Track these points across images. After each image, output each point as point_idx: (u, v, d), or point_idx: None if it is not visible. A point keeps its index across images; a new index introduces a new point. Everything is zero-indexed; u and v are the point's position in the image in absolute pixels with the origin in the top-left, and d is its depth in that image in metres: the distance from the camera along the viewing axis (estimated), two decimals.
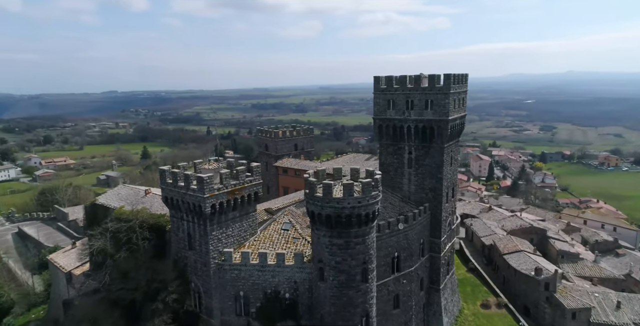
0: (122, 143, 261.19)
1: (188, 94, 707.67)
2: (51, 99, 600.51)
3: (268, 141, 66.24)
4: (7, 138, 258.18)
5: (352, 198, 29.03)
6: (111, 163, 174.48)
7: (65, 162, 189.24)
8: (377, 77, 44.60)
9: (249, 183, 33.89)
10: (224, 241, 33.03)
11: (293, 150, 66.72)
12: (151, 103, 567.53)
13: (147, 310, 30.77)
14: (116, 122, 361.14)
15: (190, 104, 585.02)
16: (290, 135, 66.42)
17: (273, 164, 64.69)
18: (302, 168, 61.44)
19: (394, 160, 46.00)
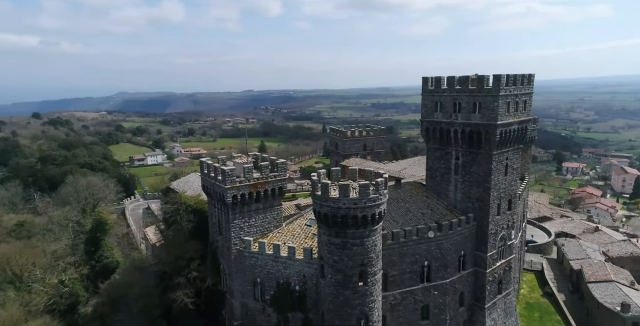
0: (248, 137, 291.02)
1: (313, 93, 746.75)
2: (202, 97, 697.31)
3: (338, 140, 68.27)
4: (162, 129, 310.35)
5: (347, 199, 29.55)
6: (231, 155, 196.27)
7: (199, 152, 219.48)
8: (425, 77, 43.09)
9: (272, 178, 36.73)
10: (247, 230, 36.53)
11: (362, 150, 67.52)
12: (280, 102, 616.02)
13: (173, 283, 36.07)
14: (247, 118, 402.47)
15: (314, 103, 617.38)
16: (360, 135, 67.31)
17: (339, 163, 66.48)
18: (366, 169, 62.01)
19: (441, 165, 43.90)
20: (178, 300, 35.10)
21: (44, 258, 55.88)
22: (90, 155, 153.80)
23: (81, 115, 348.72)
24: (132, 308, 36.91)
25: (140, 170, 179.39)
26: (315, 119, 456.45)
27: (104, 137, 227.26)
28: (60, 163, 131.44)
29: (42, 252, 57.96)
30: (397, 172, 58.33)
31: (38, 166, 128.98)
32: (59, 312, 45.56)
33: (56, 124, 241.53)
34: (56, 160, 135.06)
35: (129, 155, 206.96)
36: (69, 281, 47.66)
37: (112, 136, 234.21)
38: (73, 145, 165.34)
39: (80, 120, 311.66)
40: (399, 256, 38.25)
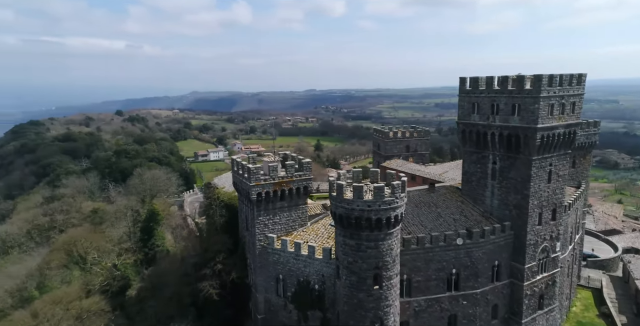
0: (305, 136, 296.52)
1: (375, 93, 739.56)
2: (266, 96, 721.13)
3: (380, 141, 67.45)
4: (227, 127, 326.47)
5: (360, 201, 29.39)
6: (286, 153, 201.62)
7: (257, 149, 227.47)
8: (462, 77, 41.33)
9: (297, 177, 37.47)
10: (271, 227, 37.65)
11: (404, 152, 66.08)
12: (341, 101, 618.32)
13: (201, 273, 38.15)
14: (307, 117, 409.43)
15: (375, 102, 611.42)
16: (403, 136, 65.91)
17: (380, 164, 65.71)
18: (406, 171, 60.77)
19: (477, 169, 41.86)
20: (204, 290, 37.21)
21: (105, 243, 61.64)
22: (159, 150, 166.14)
23: (157, 113, 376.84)
24: (165, 295, 39.72)
25: (202, 165, 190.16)
26: (375, 119, 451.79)
27: (174, 133, 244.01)
28: (132, 157, 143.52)
29: (104, 237, 63.96)
30: (437, 175, 56.44)
31: (113, 159, 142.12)
32: (112, 293, 50.18)
33: (134, 121, 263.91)
34: (129, 153, 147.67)
35: (195, 150, 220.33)
36: (121, 266, 52.35)
37: (181, 132, 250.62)
38: (145, 141, 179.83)
39: (155, 118, 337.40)
40: (424, 262, 37.18)
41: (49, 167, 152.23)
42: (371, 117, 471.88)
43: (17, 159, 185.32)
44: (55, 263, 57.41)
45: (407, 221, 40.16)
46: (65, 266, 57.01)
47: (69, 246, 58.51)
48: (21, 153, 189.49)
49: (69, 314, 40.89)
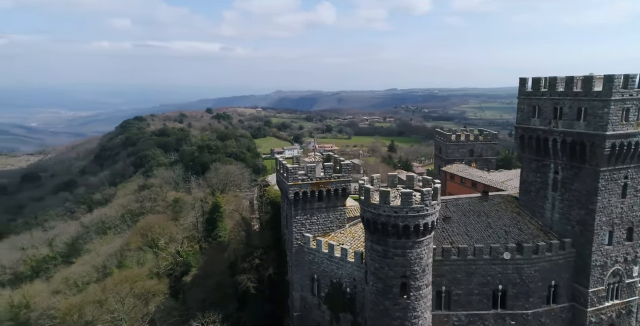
0: (381, 136, 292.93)
1: (460, 92, 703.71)
2: (346, 95, 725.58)
3: (441, 144, 64.32)
4: (305, 125, 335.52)
5: (387, 207, 28.49)
6: (358, 153, 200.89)
7: (331, 148, 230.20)
8: (522, 78, 37.94)
9: (335, 178, 37.42)
10: (308, 226, 38.11)
11: (468, 156, 62.20)
12: (422, 101, 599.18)
13: (240, 266, 39.85)
14: (384, 117, 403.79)
15: (459, 102, 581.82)
16: (467, 140, 62.07)
17: (440, 168, 62.71)
18: (467, 176, 57.39)
19: (536, 178, 38.15)
20: (242, 283, 38.97)
21: (175, 230, 67.53)
22: (238, 146, 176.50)
23: (241, 111, 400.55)
24: (210, 283, 42.42)
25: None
26: (458, 120, 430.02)
27: (254, 131, 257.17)
28: (213, 152, 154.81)
29: (175, 225, 70.05)
30: (499, 182, 52.33)
31: (196, 153, 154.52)
32: (174, 277, 54.90)
33: (219, 118, 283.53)
34: (211, 148, 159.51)
35: (272, 147, 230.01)
36: (183, 252, 56.97)
37: (261, 130, 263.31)
38: (227, 137, 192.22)
39: (240, 115, 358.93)
40: (465, 274, 34.93)
41: (145, 158, 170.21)
42: (454, 117, 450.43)
43: (122, 151, 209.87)
44: (133, 246, 64.42)
45: (451, 230, 38.09)
46: (141, 248, 63.67)
47: (145, 231, 65.12)
48: (125, 145, 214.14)
49: (133, 292, 45.82)
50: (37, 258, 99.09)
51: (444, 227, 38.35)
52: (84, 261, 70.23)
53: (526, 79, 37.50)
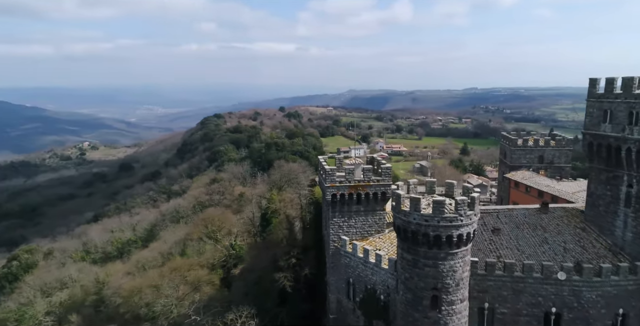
0: (455, 137, 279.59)
1: (552, 91, 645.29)
2: (421, 95, 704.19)
3: (506, 148, 59.51)
4: (374, 125, 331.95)
5: (417, 214, 27.01)
6: (427, 154, 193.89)
7: (399, 149, 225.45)
8: (593, 79, 33.69)
9: (374, 182, 36.39)
10: (345, 229, 37.55)
11: (536, 163, 56.79)
12: (504, 101, 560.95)
13: (277, 264, 40.36)
14: (460, 117, 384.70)
15: (549, 102, 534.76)
16: (535, 145, 56.68)
17: (504, 175, 58.09)
18: (532, 185, 52.58)
19: (606, 192, 33.81)
20: (279, 281, 39.57)
21: (233, 223, 70.84)
22: (305, 144, 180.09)
23: (313, 110, 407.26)
24: (252, 277, 43.73)
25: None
26: (545, 122, 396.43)
27: (322, 130, 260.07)
28: (280, 149, 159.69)
29: (233, 219, 73.46)
30: (569, 193, 47.15)
31: (263, 150, 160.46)
32: (226, 269, 57.65)
33: (290, 117, 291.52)
34: (278, 146, 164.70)
35: (339, 147, 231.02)
36: (237, 246, 59.48)
37: (329, 129, 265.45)
38: (295, 135, 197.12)
39: (311, 114, 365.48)
40: (512, 292, 32.05)
41: (218, 153, 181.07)
42: (540, 119, 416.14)
43: (200, 145, 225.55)
44: (195, 236, 68.83)
45: (499, 242, 35.21)
46: (201, 239, 67.78)
47: (206, 222, 69.22)
48: (203, 141, 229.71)
49: (186, 280, 49.01)
50: (122, 241, 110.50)
51: (492, 239, 35.54)
52: (154, 247, 76.80)
53: (597, 79, 33.20)
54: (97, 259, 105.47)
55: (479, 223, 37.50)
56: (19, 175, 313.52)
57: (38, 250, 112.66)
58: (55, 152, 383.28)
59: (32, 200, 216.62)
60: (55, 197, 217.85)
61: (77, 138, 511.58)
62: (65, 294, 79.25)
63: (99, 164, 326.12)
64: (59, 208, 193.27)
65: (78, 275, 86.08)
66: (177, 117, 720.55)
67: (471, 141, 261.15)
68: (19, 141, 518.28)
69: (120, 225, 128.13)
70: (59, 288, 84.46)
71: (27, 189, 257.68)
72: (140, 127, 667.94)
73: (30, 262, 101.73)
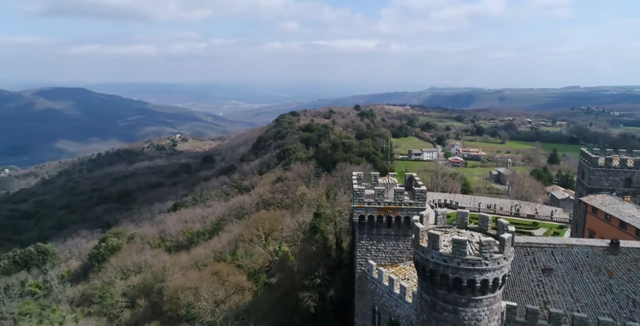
0: (545, 142, 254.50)
1: None
2: (511, 94, 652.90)
3: (585, 168, 51.49)
4: (453, 125, 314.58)
5: (435, 253, 23.86)
6: (507, 161, 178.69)
7: (477, 153, 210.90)
8: None
9: (407, 205, 33.41)
10: (374, 253, 35.08)
11: (621, 186, 48.33)
12: (614, 101, 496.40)
13: (301, 282, 38.92)
14: (554, 120, 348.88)
15: None
16: (622, 166, 48.19)
17: (580, 197, 50.40)
18: (613, 214, 44.93)
19: None
20: (304, 300, 38.33)
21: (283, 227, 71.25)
22: (374, 145, 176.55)
23: (389, 108, 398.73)
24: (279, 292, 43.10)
25: (413, 164, 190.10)
26: None
27: (395, 130, 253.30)
28: (346, 150, 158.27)
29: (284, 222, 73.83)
30: None
31: (329, 150, 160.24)
32: (270, 274, 58.03)
33: (363, 116, 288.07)
34: (345, 146, 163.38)
35: (412, 148, 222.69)
36: (280, 252, 59.56)
37: (402, 129, 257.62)
38: (364, 136, 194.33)
39: (386, 113, 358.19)
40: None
41: (287, 151, 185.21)
42: None
43: (273, 142, 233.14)
44: (246, 237, 70.59)
45: (550, 285, 30.37)
46: (251, 240, 69.29)
47: (257, 224, 70.59)
48: (276, 138, 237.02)
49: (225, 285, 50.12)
50: (192, 232, 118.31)
51: (541, 280, 30.69)
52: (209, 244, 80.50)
53: None
54: (171, 247, 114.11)
55: (529, 259, 32.78)
56: (123, 161, 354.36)
57: (124, 234, 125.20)
58: (152, 143, 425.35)
59: (128, 186, 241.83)
60: (146, 184, 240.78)
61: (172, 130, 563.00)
62: (138, 278, 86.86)
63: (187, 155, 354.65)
64: (148, 195, 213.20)
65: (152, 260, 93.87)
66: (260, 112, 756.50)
67: (564, 147, 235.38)
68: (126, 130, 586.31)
69: (193, 216, 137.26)
70: (135, 271, 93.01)
71: (126, 175, 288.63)
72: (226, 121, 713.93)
73: (115, 245, 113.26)
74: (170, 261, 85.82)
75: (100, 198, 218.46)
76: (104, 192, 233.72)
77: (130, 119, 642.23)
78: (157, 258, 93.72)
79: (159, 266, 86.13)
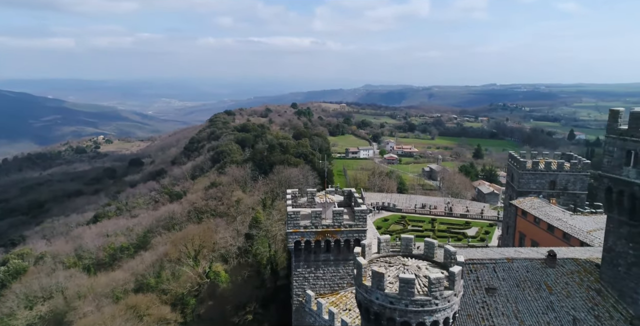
0: (469, 137, 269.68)
1: (573, 88, 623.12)
2: (438, 91, 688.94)
3: (514, 171, 52.75)
4: (387, 122, 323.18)
5: (381, 293, 21.17)
6: (438, 157, 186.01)
7: (410, 150, 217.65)
8: (614, 110, 27.12)
9: (347, 228, 30.67)
10: (312, 281, 32.01)
11: (547, 188, 50.00)
12: (524, 98, 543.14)
13: (230, 320, 35.13)
14: (476, 116, 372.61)
15: (571, 100, 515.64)
16: (547, 169, 49.82)
17: (510, 201, 51.46)
18: (542, 217, 45.94)
19: (628, 250, 27.46)
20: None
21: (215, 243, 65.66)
22: (312, 145, 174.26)
23: (325, 106, 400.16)
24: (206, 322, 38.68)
25: (351, 162, 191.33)
26: (566, 121, 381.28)
27: (333, 128, 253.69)
28: (284, 151, 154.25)
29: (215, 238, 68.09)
30: (584, 232, 40.44)
31: (266, 152, 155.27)
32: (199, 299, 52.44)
33: (300, 114, 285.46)
34: (283, 147, 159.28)
35: (350, 146, 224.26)
36: (211, 273, 54.37)
37: (339, 127, 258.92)
38: (302, 135, 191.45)
39: (323, 111, 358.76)
40: None
41: (221, 154, 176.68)
42: (560, 118, 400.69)
43: (207, 144, 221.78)
44: (173, 256, 63.96)
45: (494, 307, 29.14)
46: (179, 259, 62.96)
47: (185, 241, 64.34)
48: (210, 139, 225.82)
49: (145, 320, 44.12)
50: (115, 247, 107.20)
51: (486, 301, 29.47)
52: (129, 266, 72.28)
53: (619, 111, 26.60)
54: (90, 265, 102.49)
55: (472, 277, 31.56)
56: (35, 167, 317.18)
57: (30, 254, 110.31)
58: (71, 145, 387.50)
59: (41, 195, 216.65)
60: (62, 193, 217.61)
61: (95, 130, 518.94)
62: (46, 307, 76.12)
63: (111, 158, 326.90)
64: (64, 205, 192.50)
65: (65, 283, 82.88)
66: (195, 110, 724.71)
67: (486, 142, 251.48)
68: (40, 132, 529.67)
69: (117, 228, 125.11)
70: (45, 298, 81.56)
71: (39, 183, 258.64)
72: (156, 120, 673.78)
73: (19, 268, 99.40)
74: (87, 285, 76.19)
75: (5, 211, 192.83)
76: (11, 204, 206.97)
77: (45, 119, 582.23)
78: (71, 281, 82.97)
79: (73, 291, 76.19)
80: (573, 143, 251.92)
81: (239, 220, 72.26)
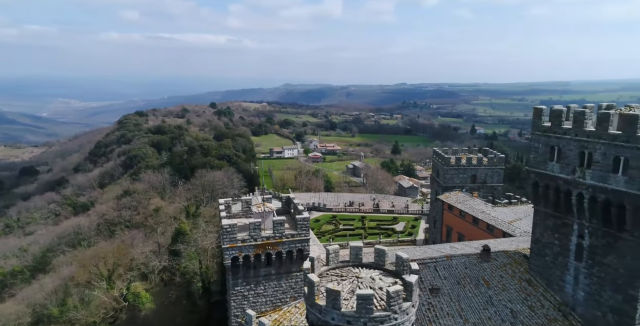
0: (387, 134, 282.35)
1: (471, 88, 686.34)
2: (355, 89, 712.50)
3: (440, 167, 55.01)
4: (309, 121, 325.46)
5: (337, 313, 19.54)
6: (360, 154, 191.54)
7: (333, 148, 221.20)
8: (538, 108, 28.48)
9: (288, 238, 28.64)
10: (252, 299, 29.48)
11: (469, 182, 52.86)
12: (431, 96, 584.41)
13: None
14: (391, 114, 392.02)
15: (470, 98, 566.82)
16: (468, 164, 52.66)
17: (437, 196, 53.52)
18: (467, 211, 48.14)
19: (554, 240, 29.00)
20: None
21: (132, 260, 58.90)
22: (235, 146, 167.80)
23: (246, 106, 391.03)
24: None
25: (276, 162, 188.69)
26: (467, 117, 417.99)
27: (255, 128, 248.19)
28: (205, 153, 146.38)
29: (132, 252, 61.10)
30: (505, 223, 43.03)
31: (186, 155, 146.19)
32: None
33: (221, 114, 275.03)
34: (204, 149, 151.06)
35: (273, 146, 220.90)
36: (131, 295, 48.49)
37: (262, 127, 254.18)
38: (224, 136, 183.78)
39: (244, 110, 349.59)
40: None
41: (134, 158, 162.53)
42: (462, 114, 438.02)
43: (116, 148, 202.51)
44: (80, 279, 55.97)
45: (439, 307, 29.14)
46: (89, 282, 55.36)
47: (96, 261, 56.90)
48: (119, 143, 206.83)
49: None
50: (4, 271, 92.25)
51: (431, 302, 29.43)
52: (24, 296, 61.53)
53: (542, 109, 28.11)
54: None
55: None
56: None
57: None
58: None
59: None
60: None
61: None
62: None
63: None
64: None
65: None
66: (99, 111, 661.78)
67: (402, 138, 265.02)
68: None
69: (6, 250, 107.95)
70: None
71: None
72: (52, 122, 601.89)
73: None
74: None
75: None
76: None
77: None
78: None
79: None
80: (475, 137, 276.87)
81: (160, 231, 65.86)
